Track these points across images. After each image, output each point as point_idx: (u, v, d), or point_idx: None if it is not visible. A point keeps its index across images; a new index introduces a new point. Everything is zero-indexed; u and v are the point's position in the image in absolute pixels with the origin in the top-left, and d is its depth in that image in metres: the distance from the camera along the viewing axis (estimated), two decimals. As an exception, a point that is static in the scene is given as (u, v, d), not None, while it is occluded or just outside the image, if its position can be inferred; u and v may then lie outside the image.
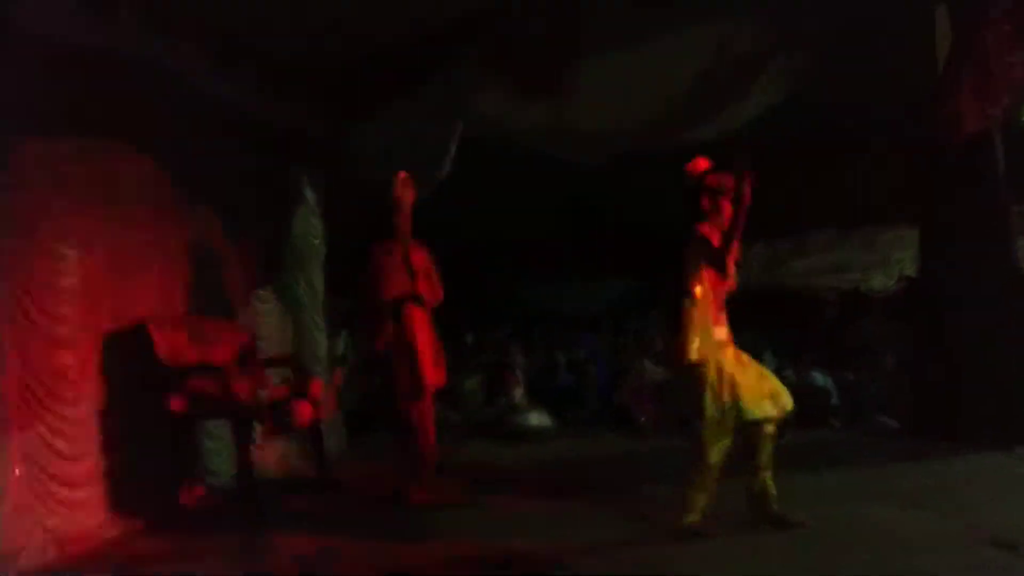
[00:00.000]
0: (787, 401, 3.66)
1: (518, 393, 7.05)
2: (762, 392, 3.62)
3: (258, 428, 4.47)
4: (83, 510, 4.08)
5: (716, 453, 3.60)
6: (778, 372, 6.95)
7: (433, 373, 4.77)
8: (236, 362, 4.57)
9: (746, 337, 7.30)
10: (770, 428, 3.65)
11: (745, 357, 3.72)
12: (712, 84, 5.35)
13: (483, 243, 8.55)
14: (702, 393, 3.59)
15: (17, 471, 3.74)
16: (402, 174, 4.85)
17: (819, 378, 6.80)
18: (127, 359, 4.37)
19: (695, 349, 3.61)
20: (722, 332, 3.70)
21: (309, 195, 6.29)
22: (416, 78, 5.72)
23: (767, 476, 3.69)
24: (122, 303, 4.48)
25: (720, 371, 3.60)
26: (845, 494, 4.21)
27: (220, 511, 4.55)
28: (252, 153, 5.73)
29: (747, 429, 3.64)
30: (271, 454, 5.58)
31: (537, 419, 6.83)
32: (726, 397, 3.56)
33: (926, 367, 5.62)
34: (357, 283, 4.90)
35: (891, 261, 8.82)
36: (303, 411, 4.45)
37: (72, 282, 4.15)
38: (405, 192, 4.84)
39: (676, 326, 3.66)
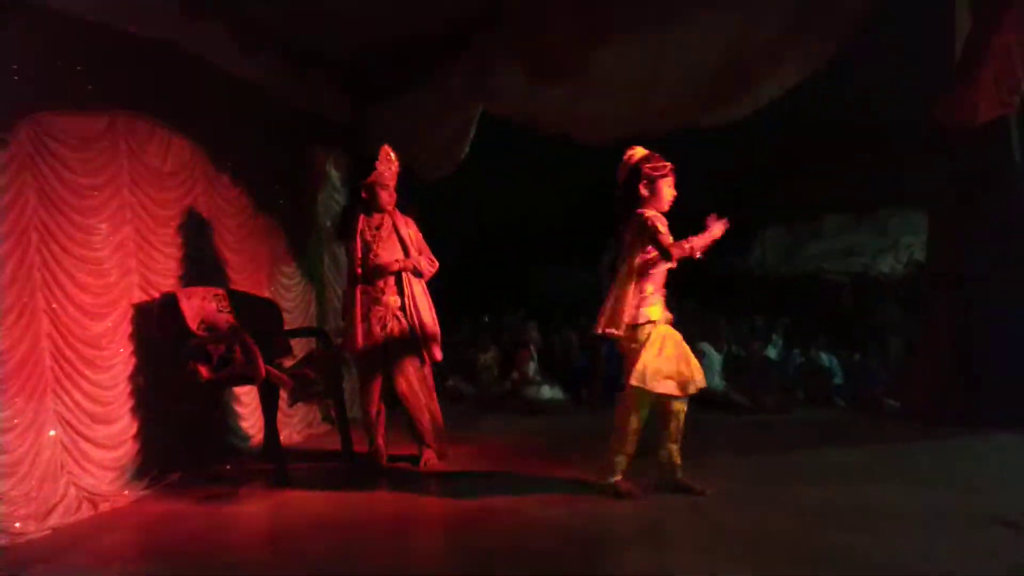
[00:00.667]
0: (698, 384, 3.80)
1: (531, 368, 7.18)
2: (671, 372, 3.74)
3: (283, 395, 4.59)
4: (115, 470, 4.22)
5: (636, 420, 3.82)
6: (785, 353, 7.09)
7: (431, 345, 4.79)
8: (261, 332, 4.67)
9: (758, 321, 7.42)
10: (677, 406, 3.82)
11: (675, 339, 3.82)
12: (735, 65, 5.30)
13: (502, 225, 8.57)
14: (634, 361, 3.73)
15: (52, 432, 3.90)
16: (385, 147, 4.84)
17: (824, 358, 6.90)
18: (157, 327, 4.48)
19: (602, 323, 3.80)
20: (658, 308, 3.80)
21: (333, 174, 6.42)
22: (437, 61, 5.74)
23: (674, 448, 3.89)
24: (152, 274, 4.61)
25: (651, 343, 3.73)
26: (851, 473, 4.20)
27: (246, 474, 4.66)
28: (279, 133, 5.80)
29: (658, 403, 3.82)
30: (296, 420, 5.76)
31: (549, 392, 6.97)
32: (651, 367, 3.71)
33: (935, 350, 5.64)
34: (347, 254, 4.92)
35: (900, 245, 8.83)
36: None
37: (104, 254, 4.27)
38: (388, 166, 4.81)
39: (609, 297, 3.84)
